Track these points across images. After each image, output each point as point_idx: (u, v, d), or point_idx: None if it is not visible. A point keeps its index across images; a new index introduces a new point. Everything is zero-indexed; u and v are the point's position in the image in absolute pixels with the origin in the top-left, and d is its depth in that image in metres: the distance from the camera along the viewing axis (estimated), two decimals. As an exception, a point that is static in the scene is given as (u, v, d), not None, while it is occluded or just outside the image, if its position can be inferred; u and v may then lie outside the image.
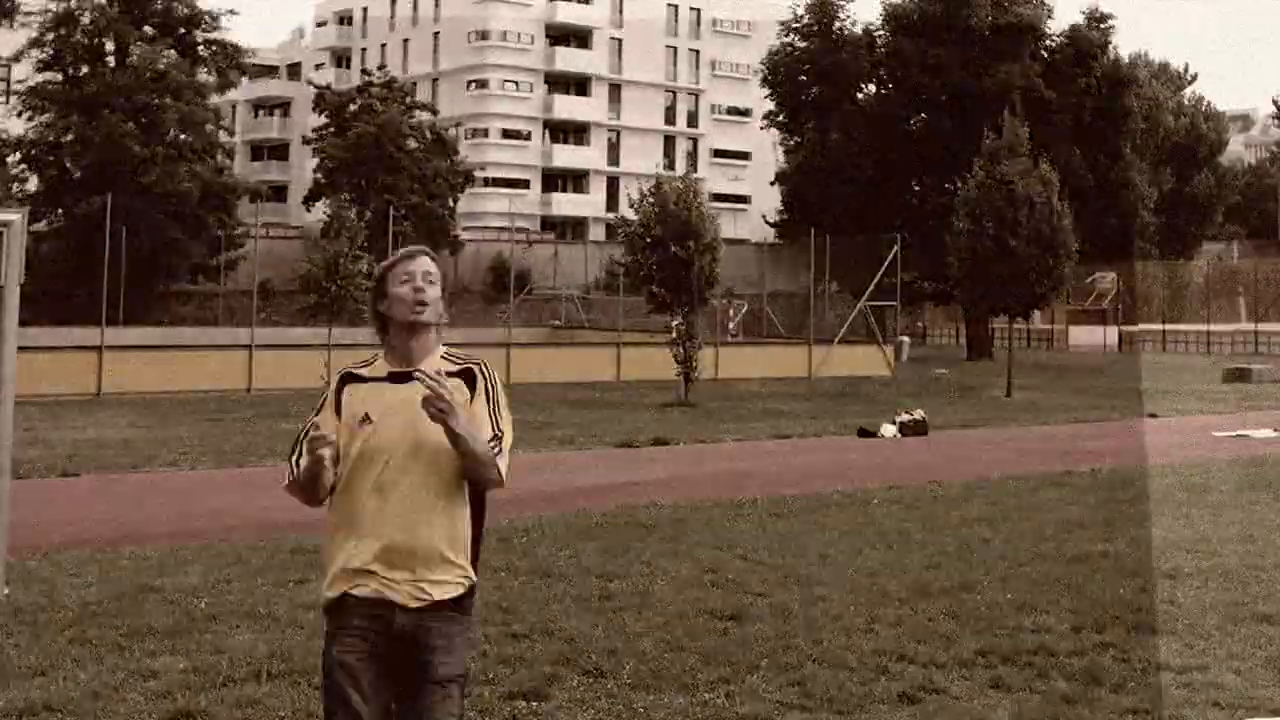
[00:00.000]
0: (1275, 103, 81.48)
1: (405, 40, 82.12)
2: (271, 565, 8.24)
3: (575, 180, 79.95)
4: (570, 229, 77.19)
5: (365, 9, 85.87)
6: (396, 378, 3.52)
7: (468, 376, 3.55)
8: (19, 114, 47.96)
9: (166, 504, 11.26)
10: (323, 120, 59.61)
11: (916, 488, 12.37)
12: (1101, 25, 49.02)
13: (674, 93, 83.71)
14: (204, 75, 51.54)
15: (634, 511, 10.58)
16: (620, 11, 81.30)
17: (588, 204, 78.71)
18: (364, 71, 62.62)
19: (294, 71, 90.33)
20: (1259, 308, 54.42)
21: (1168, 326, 53.97)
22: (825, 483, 12.64)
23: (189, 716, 5.27)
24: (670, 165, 70.39)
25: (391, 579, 3.45)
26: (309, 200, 58.70)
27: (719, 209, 35.29)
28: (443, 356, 3.59)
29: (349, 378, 3.58)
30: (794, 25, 50.93)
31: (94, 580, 7.74)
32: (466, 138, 73.65)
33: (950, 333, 61.44)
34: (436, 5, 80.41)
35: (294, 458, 3.54)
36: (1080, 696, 5.69)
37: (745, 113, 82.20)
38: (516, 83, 77.71)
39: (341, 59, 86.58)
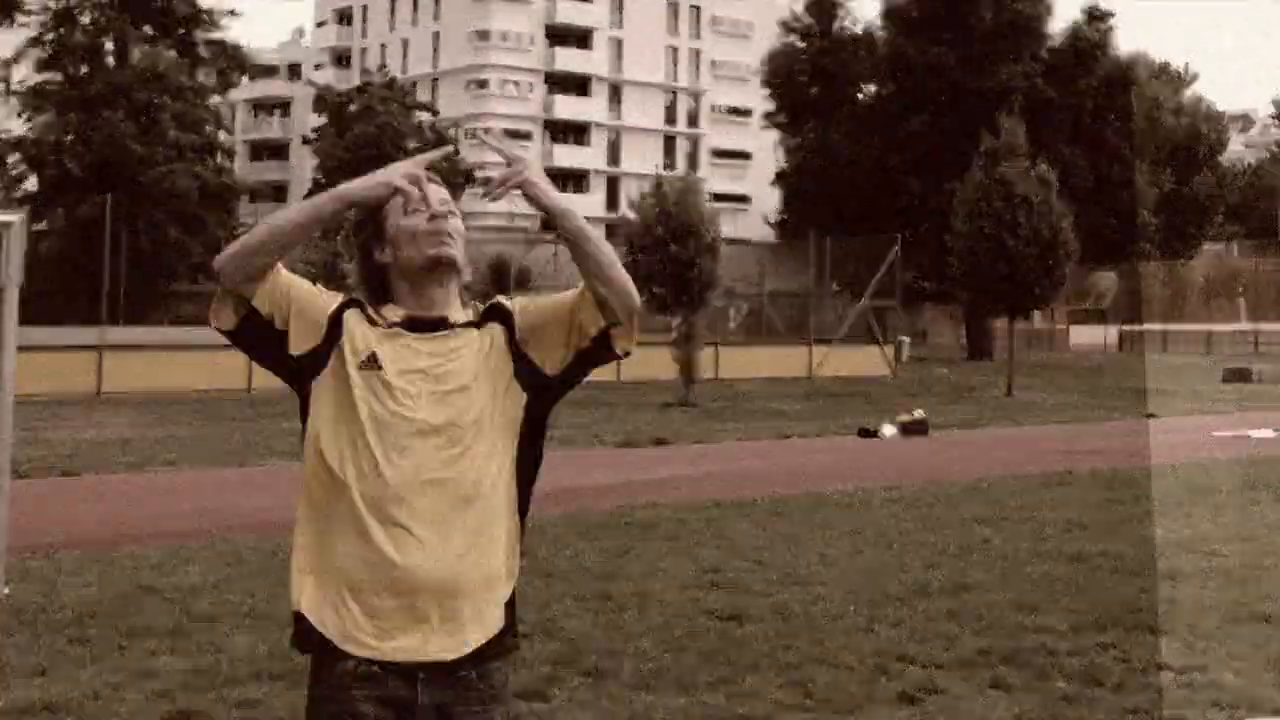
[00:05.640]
0: (1275, 103, 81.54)
1: (405, 40, 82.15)
2: (271, 565, 8.22)
3: (575, 180, 79.95)
4: (570, 229, 77.22)
5: (365, 9, 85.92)
6: (418, 325, 2.59)
7: (499, 313, 2.68)
8: (19, 114, 48.01)
9: (166, 504, 11.25)
10: (323, 120, 59.67)
11: (916, 488, 12.36)
12: (1101, 24, 49.05)
13: (674, 93, 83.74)
14: (204, 75, 51.57)
15: (634, 511, 10.57)
16: (620, 11, 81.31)
17: (588, 204, 78.73)
18: (364, 71, 62.74)
19: (294, 71, 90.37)
20: (1259, 308, 54.44)
21: (1168, 326, 54.00)
22: (825, 483, 12.63)
23: (189, 717, 5.26)
24: (670, 165, 70.51)
25: (415, 628, 2.49)
26: (309, 200, 58.84)
27: (719, 209, 35.30)
28: (463, 307, 2.69)
29: (352, 303, 2.63)
30: (794, 25, 50.98)
31: (94, 580, 7.74)
32: (466, 138, 73.68)
33: (950, 333, 61.44)
34: (436, 5, 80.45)
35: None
36: (1080, 696, 5.68)
37: (745, 113, 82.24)
38: (516, 83, 77.73)
39: (341, 59, 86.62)
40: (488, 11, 77.19)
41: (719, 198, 73.74)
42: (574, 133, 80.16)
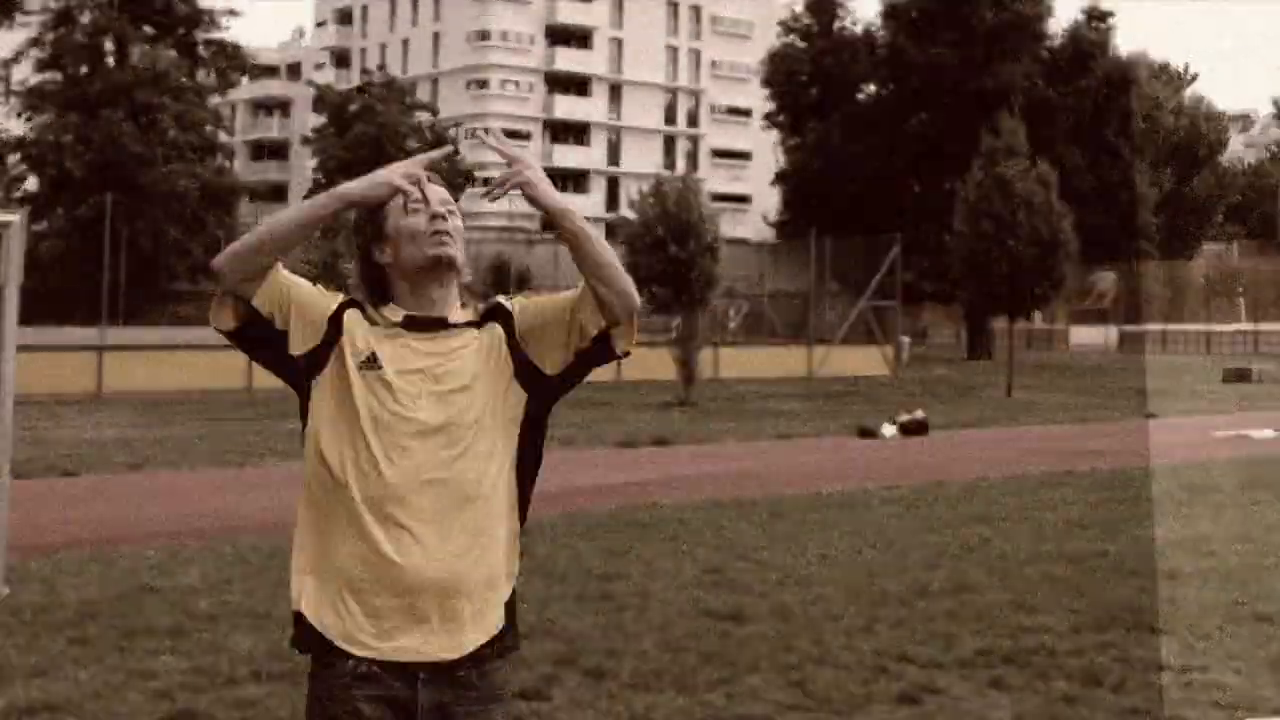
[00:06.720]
0: (1275, 103, 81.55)
1: (405, 40, 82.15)
2: (271, 565, 8.23)
3: (575, 180, 79.96)
4: (570, 229, 77.12)
5: (365, 9, 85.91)
6: (418, 324, 2.59)
7: (499, 314, 2.68)
8: (19, 114, 47.98)
9: (166, 504, 11.25)
10: (323, 120, 59.65)
11: (916, 488, 12.36)
12: (1101, 24, 49.05)
13: (674, 93, 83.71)
14: (204, 75, 51.54)
15: (634, 511, 10.57)
16: (620, 11, 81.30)
17: (588, 204, 78.73)
18: (364, 71, 62.73)
19: (294, 71, 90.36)
20: (1259, 308, 54.44)
21: (1168, 326, 53.99)
22: (825, 483, 12.63)
23: (189, 716, 5.26)
24: (670, 165, 70.45)
25: (416, 628, 2.50)
26: (309, 200, 58.74)
27: (719, 209, 35.29)
28: (462, 307, 2.69)
29: (352, 303, 2.64)
30: (794, 25, 50.97)
31: (94, 580, 7.73)
32: (466, 138, 73.66)
33: (950, 333, 61.45)
34: (436, 5, 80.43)
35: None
36: (1080, 696, 5.69)
37: (745, 113, 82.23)
38: (516, 83, 77.72)
39: (341, 59, 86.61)
40: (488, 11, 77.18)
41: (719, 198, 73.71)
42: (574, 133, 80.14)
